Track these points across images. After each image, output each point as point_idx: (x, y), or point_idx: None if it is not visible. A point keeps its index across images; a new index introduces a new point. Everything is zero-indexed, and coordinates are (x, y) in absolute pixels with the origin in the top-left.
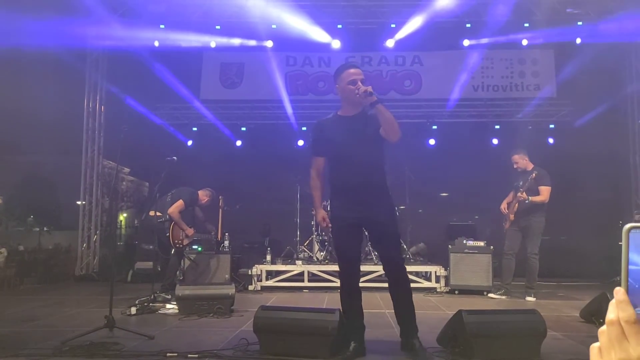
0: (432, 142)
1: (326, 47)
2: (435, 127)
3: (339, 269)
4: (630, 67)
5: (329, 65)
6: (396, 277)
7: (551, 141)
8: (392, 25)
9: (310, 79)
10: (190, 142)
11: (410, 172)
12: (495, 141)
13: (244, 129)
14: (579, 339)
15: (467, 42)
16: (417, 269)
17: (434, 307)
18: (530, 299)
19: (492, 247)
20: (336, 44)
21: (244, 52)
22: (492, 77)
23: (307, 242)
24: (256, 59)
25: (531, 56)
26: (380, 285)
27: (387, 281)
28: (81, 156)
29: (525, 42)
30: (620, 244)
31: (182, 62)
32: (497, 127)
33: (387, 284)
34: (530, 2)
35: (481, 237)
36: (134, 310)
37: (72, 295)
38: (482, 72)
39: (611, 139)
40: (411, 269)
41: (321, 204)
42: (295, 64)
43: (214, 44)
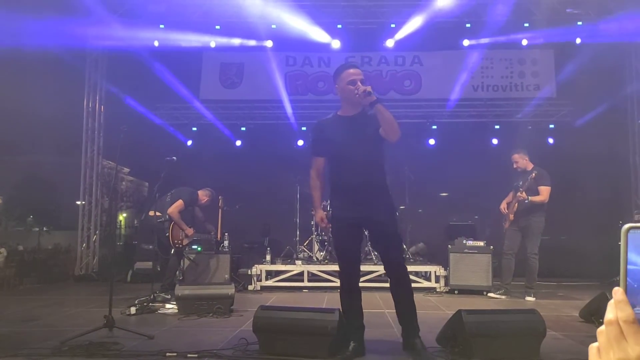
0: (432, 142)
1: (326, 47)
2: (435, 127)
3: (339, 269)
4: (630, 67)
5: (328, 65)
6: (397, 276)
7: (551, 141)
8: (392, 25)
9: (310, 79)
10: (190, 142)
11: (410, 172)
12: (495, 141)
13: (243, 129)
14: (579, 339)
15: (467, 42)
16: (416, 268)
17: (434, 307)
18: (529, 299)
19: (491, 247)
20: (336, 44)
21: (244, 52)
22: (492, 77)
23: (307, 242)
24: (256, 59)
25: (531, 56)
26: (380, 285)
27: (387, 281)
28: (81, 156)
29: (525, 42)
30: (619, 244)
31: (181, 62)
32: (497, 127)
33: (387, 283)
34: (530, 2)
35: (481, 237)
36: (133, 310)
37: (72, 295)
38: (482, 72)
39: (611, 139)
40: (411, 268)
41: (321, 204)
42: (295, 64)
43: (213, 44)
